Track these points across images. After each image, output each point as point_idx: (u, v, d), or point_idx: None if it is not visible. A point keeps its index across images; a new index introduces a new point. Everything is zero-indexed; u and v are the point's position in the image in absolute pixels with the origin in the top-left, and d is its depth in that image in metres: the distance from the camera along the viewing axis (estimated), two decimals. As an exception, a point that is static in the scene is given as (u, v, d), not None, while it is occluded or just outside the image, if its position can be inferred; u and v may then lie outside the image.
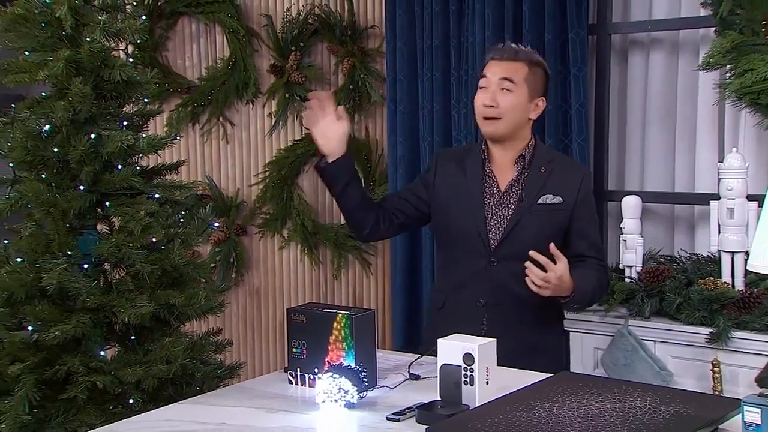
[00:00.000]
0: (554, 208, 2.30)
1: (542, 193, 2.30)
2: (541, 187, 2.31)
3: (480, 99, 2.31)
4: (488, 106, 2.28)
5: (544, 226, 2.29)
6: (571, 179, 2.34)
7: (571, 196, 2.32)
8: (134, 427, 1.78)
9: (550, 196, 2.30)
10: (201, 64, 3.80)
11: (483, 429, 1.56)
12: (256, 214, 3.82)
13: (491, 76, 2.30)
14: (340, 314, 1.95)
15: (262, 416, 1.82)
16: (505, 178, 2.34)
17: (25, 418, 2.26)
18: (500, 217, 2.32)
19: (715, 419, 1.61)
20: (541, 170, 2.32)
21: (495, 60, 2.32)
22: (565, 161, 2.47)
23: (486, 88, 2.30)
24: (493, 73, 2.29)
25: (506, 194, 2.33)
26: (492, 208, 2.32)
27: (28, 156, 2.37)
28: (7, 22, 2.40)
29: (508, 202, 2.32)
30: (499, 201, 2.32)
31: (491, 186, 2.34)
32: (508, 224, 2.30)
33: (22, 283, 2.31)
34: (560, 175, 2.33)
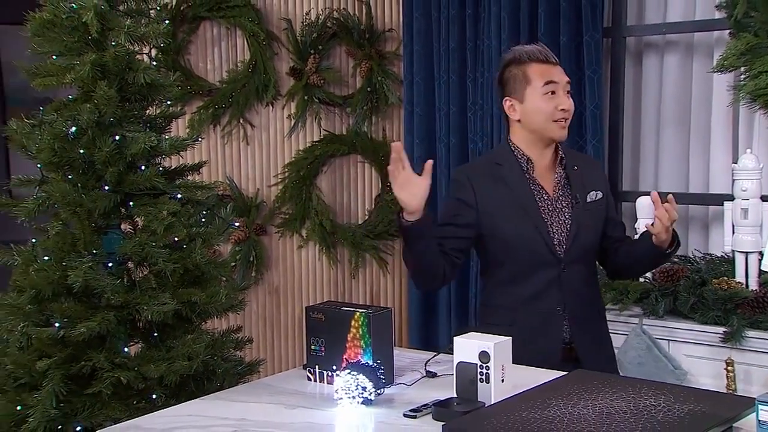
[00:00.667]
0: (599, 203, 2.30)
1: (588, 190, 2.29)
2: (582, 186, 2.28)
3: (554, 103, 2.23)
4: (566, 110, 2.24)
5: (597, 222, 2.29)
6: (597, 171, 2.38)
7: (604, 187, 2.33)
8: (157, 422, 1.79)
9: (594, 193, 2.29)
10: (222, 67, 3.82)
11: (499, 426, 1.56)
12: (276, 214, 3.83)
13: (559, 81, 2.25)
14: (358, 312, 1.95)
15: (281, 412, 1.83)
16: (548, 183, 2.28)
17: (53, 411, 2.28)
18: (560, 223, 2.25)
19: (730, 418, 1.60)
20: (574, 169, 2.30)
21: (550, 65, 2.26)
22: (580, 156, 2.47)
23: (556, 93, 2.24)
24: (560, 78, 2.25)
25: (556, 199, 2.27)
26: (548, 215, 2.25)
27: (55, 157, 2.39)
28: (35, 27, 2.42)
29: (560, 206, 2.26)
30: (553, 207, 2.26)
31: (540, 193, 2.27)
32: (570, 228, 2.24)
33: (49, 281, 2.33)
34: (588, 170, 2.34)
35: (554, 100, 2.24)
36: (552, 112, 2.24)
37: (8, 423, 2.34)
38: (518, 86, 2.26)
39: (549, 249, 2.23)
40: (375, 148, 3.77)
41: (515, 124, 2.30)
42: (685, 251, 3.22)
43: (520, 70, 2.26)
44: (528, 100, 2.25)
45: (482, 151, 3.40)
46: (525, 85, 2.25)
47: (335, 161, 3.83)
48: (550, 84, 2.24)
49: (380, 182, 3.82)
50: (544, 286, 2.24)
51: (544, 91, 2.24)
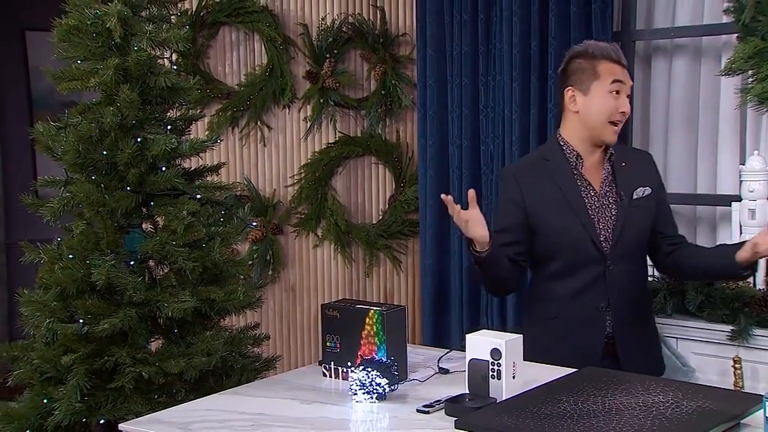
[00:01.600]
0: (648, 199, 2.25)
1: (635, 187, 2.25)
2: (631, 182, 2.25)
3: (612, 105, 2.21)
4: (624, 113, 2.22)
5: (645, 219, 2.24)
6: (647, 166, 2.31)
7: (654, 182, 2.28)
8: (177, 416, 1.80)
9: (642, 189, 2.25)
10: (240, 71, 3.83)
11: (510, 421, 1.56)
12: (292, 214, 3.84)
13: (626, 82, 2.23)
14: (373, 310, 1.96)
15: (297, 407, 1.83)
16: (596, 180, 2.26)
17: (77, 405, 2.29)
18: (606, 220, 2.23)
19: (737, 414, 1.59)
20: (623, 165, 2.26)
21: (620, 66, 2.23)
22: (629, 150, 2.40)
23: (620, 94, 2.22)
24: (626, 80, 2.23)
25: (603, 195, 2.24)
26: (595, 211, 2.23)
27: (79, 158, 2.40)
28: (61, 33, 2.43)
29: (607, 203, 2.24)
30: (599, 203, 2.24)
31: (587, 189, 2.25)
32: (615, 225, 2.22)
33: (73, 279, 2.34)
34: (638, 165, 2.29)
35: (617, 100, 2.22)
36: (612, 112, 2.22)
37: (35, 415, 2.36)
38: (585, 78, 2.23)
39: (595, 246, 2.20)
40: (389, 149, 3.78)
41: (570, 117, 2.27)
42: (693, 251, 3.20)
43: (590, 64, 2.23)
44: (592, 94, 2.22)
45: (493, 152, 3.40)
46: (593, 78, 2.22)
47: (350, 162, 3.83)
48: (617, 83, 2.22)
49: (393, 183, 3.82)
50: (590, 282, 2.22)
51: (610, 89, 2.21)
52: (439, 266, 3.57)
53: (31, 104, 5.49)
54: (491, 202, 3.42)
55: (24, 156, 5.38)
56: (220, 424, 1.74)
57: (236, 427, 1.72)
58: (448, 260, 3.55)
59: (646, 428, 1.50)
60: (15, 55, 5.44)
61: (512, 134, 3.31)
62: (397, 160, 3.79)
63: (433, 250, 3.56)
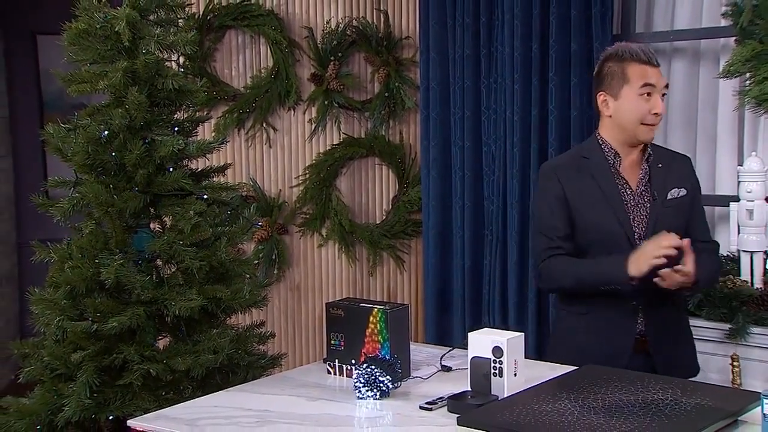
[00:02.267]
0: (682, 200, 2.25)
1: (669, 187, 2.24)
2: (666, 182, 2.25)
3: (644, 108, 2.20)
4: (657, 114, 2.21)
5: (679, 219, 2.23)
6: (685, 168, 2.30)
7: (689, 184, 2.28)
8: (184, 412, 1.81)
9: (676, 190, 2.25)
10: (246, 74, 3.83)
11: (511, 418, 1.56)
12: (297, 214, 3.84)
13: (657, 84, 2.21)
14: (376, 309, 1.96)
15: (302, 404, 1.83)
16: (633, 178, 2.26)
17: (87, 401, 2.29)
18: (640, 218, 2.24)
19: (735, 411, 1.59)
20: (659, 166, 2.26)
21: (651, 66, 2.22)
22: (667, 152, 2.36)
23: (651, 96, 2.21)
24: (657, 81, 2.21)
25: (639, 194, 2.25)
26: (631, 209, 2.24)
27: (88, 160, 2.40)
28: (71, 37, 2.44)
29: (642, 201, 2.25)
30: (635, 201, 2.24)
31: (624, 187, 2.25)
32: (648, 224, 2.22)
33: (83, 277, 2.35)
34: (675, 166, 2.29)
35: (649, 102, 2.21)
36: (644, 115, 2.21)
37: (46, 411, 2.37)
38: (615, 83, 2.23)
39: (629, 242, 2.20)
40: (392, 150, 3.78)
41: (606, 120, 2.27)
42: (692, 251, 3.20)
43: (619, 67, 2.23)
44: (623, 99, 2.22)
45: (495, 153, 3.40)
46: (622, 83, 2.22)
47: (354, 163, 3.83)
48: (647, 86, 2.20)
49: (397, 184, 3.82)
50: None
51: (640, 92, 2.20)
52: (441, 266, 3.57)
53: (42, 106, 5.50)
54: (493, 202, 3.42)
55: (35, 157, 5.39)
56: (227, 421, 1.74)
57: (242, 423, 1.73)
58: (451, 260, 3.55)
59: (645, 425, 1.49)
60: (26, 58, 5.45)
61: (513, 135, 3.31)
62: (401, 161, 3.78)
63: (435, 250, 3.56)
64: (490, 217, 3.43)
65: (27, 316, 2.56)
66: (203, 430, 1.69)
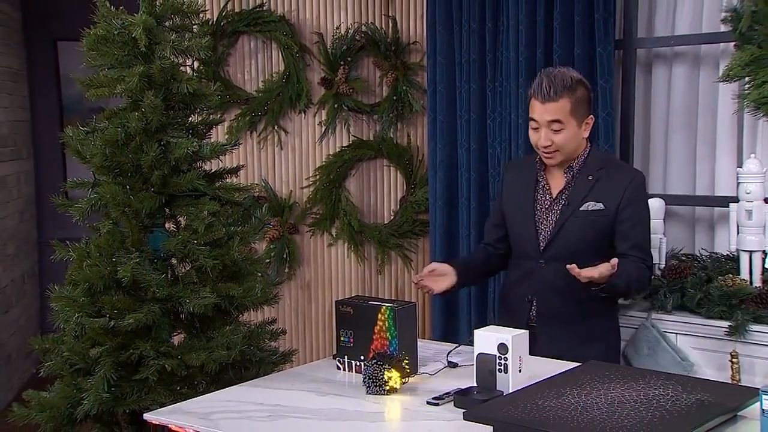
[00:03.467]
0: (596, 214, 2.29)
1: (586, 200, 2.30)
2: (585, 194, 2.30)
3: (534, 138, 2.32)
4: (545, 147, 2.30)
5: (586, 230, 2.29)
6: (617, 186, 2.31)
7: (613, 202, 2.30)
8: (199, 406, 1.81)
9: (592, 203, 2.30)
10: (258, 78, 3.83)
11: (516, 413, 1.55)
12: (308, 214, 3.84)
13: (539, 119, 2.28)
14: (385, 306, 1.96)
15: (312, 399, 1.83)
16: (557, 186, 2.36)
17: (104, 395, 2.30)
18: (549, 222, 2.34)
19: (735, 407, 1.58)
20: (588, 178, 2.32)
21: (537, 102, 2.28)
22: (617, 168, 2.40)
23: (537, 129, 2.29)
24: (541, 116, 2.27)
25: (556, 201, 2.34)
26: (542, 213, 2.35)
27: (106, 161, 2.41)
28: (90, 43, 2.44)
29: (556, 208, 2.34)
30: (549, 207, 2.35)
31: (544, 193, 2.36)
32: (553, 228, 2.32)
33: (100, 275, 2.35)
34: (607, 182, 2.32)
35: (534, 135, 2.32)
36: (534, 144, 2.34)
37: (66, 405, 2.37)
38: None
39: (532, 243, 2.34)
40: (400, 152, 3.77)
41: None
42: (692, 250, 3.19)
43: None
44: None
45: (500, 155, 3.39)
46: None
47: (363, 165, 3.83)
48: (533, 121, 2.32)
49: (404, 184, 3.81)
50: (523, 275, 2.38)
51: (530, 125, 2.34)
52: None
53: (62, 110, 5.53)
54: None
55: (55, 159, 5.42)
56: (239, 415, 1.74)
57: (254, 417, 1.73)
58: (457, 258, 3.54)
59: (647, 420, 1.49)
60: (47, 63, 5.47)
61: (518, 138, 3.30)
62: (408, 163, 3.78)
63: (442, 249, 3.56)
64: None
65: (47, 312, 2.57)
66: (217, 423, 1.69)
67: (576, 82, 2.30)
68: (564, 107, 2.27)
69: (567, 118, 2.27)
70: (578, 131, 2.31)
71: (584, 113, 2.32)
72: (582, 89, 2.32)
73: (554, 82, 2.27)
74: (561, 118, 2.26)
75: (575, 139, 2.31)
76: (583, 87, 2.33)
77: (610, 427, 1.45)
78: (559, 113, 2.26)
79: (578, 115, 2.30)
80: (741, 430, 1.55)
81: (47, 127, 5.39)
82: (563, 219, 2.30)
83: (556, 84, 2.26)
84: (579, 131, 2.31)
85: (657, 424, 1.47)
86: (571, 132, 2.29)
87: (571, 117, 2.28)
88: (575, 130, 2.30)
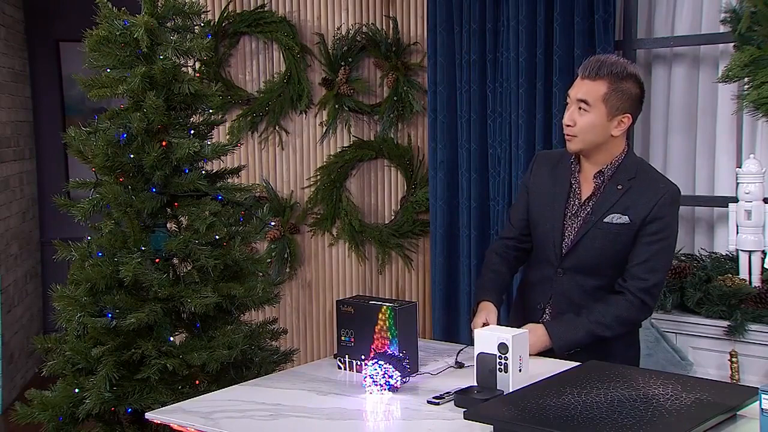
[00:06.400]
0: (620, 227, 2.11)
1: (611, 211, 2.12)
2: (611, 205, 2.12)
3: (565, 116, 2.16)
4: (566, 125, 2.14)
5: (608, 244, 2.12)
6: (645, 199, 2.12)
7: (638, 216, 2.10)
8: (200, 406, 1.81)
9: (617, 216, 2.11)
10: (260, 78, 3.83)
11: (516, 412, 1.55)
12: (308, 214, 3.84)
13: (572, 95, 2.14)
14: (385, 306, 1.95)
15: (313, 398, 1.83)
16: (586, 190, 2.18)
17: (106, 394, 2.30)
18: (572, 230, 2.17)
19: (734, 406, 1.58)
20: (618, 187, 2.13)
21: (579, 78, 2.14)
22: (648, 179, 2.17)
23: (568, 106, 2.15)
24: (575, 93, 2.13)
25: (582, 207, 2.17)
26: (569, 219, 2.18)
27: (108, 161, 2.41)
28: (92, 43, 2.44)
29: (582, 215, 2.17)
30: (576, 213, 2.18)
31: (574, 196, 2.19)
32: (575, 238, 2.16)
33: (102, 275, 2.35)
34: (636, 193, 2.12)
35: (566, 112, 2.17)
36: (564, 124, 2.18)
37: (68, 404, 2.37)
38: None
39: (554, 248, 2.18)
40: (401, 153, 3.77)
41: None
42: (692, 250, 3.18)
43: None
44: None
45: (501, 156, 3.39)
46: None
47: (363, 165, 3.83)
48: (567, 97, 2.18)
49: (405, 185, 3.81)
50: (540, 279, 2.24)
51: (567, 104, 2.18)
52: (448, 264, 3.56)
53: (64, 110, 5.53)
54: (498, 203, 3.41)
55: (57, 159, 5.41)
56: (240, 414, 1.74)
57: (255, 416, 1.72)
58: (458, 258, 3.54)
59: (646, 419, 1.48)
60: (49, 64, 5.47)
61: (518, 138, 3.30)
62: (409, 163, 3.78)
63: (442, 249, 3.56)
64: (496, 217, 3.42)
65: (50, 312, 2.57)
66: (218, 422, 1.69)
67: (627, 74, 2.11)
68: (598, 90, 2.09)
69: (597, 103, 2.09)
70: (606, 123, 2.10)
71: (621, 108, 2.10)
72: (630, 84, 2.11)
73: (603, 63, 2.11)
74: (590, 100, 2.09)
75: (599, 130, 2.10)
76: (634, 83, 2.12)
77: (610, 427, 1.45)
78: (591, 94, 2.09)
79: (611, 106, 2.09)
80: (740, 429, 1.55)
81: (49, 127, 5.39)
82: (585, 229, 2.13)
83: (602, 65, 2.10)
84: (607, 124, 2.10)
85: (657, 423, 1.47)
86: (597, 119, 2.09)
87: (601, 103, 2.09)
88: (602, 120, 2.09)
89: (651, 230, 2.11)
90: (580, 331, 2.10)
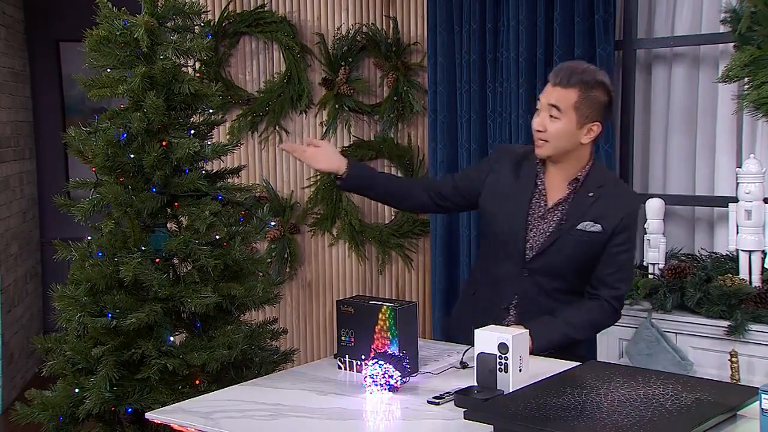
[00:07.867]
0: (591, 235, 2.14)
1: (584, 219, 2.15)
2: (583, 213, 2.15)
3: (534, 121, 2.17)
4: (537, 130, 2.15)
5: (579, 251, 2.15)
6: (617, 209, 2.16)
7: (610, 225, 2.14)
8: (200, 406, 1.81)
9: (590, 224, 2.14)
10: (260, 78, 3.83)
11: (516, 412, 1.55)
12: (309, 214, 3.84)
13: (543, 101, 2.15)
14: (385, 306, 1.95)
15: (313, 398, 1.83)
16: (554, 195, 2.19)
17: (107, 394, 2.30)
18: (540, 232, 2.18)
19: (734, 406, 1.58)
20: (590, 195, 2.16)
21: (550, 84, 2.15)
22: (616, 188, 2.24)
23: (538, 111, 2.16)
24: (546, 98, 2.14)
25: (551, 211, 2.18)
26: (535, 221, 2.19)
27: (108, 161, 2.41)
28: (92, 43, 2.44)
29: (551, 219, 2.18)
30: (543, 216, 2.19)
31: (539, 199, 2.20)
32: (545, 242, 2.17)
33: (102, 275, 2.35)
34: (607, 202, 2.16)
35: (535, 117, 2.19)
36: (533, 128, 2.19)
37: (68, 404, 2.37)
38: None
39: (518, 250, 2.19)
40: (401, 153, 3.77)
41: None
42: (692, 250, 3.18)
43: None
44: None
45: (501, 156, 3.39)
46: None
47: (364, 165, 3.83)
48: (538, 102, 2.19)
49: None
50: (503, 278, 2.22)
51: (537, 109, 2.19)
52: (448, 264, 3.56)
53: (64, 110, 5.53)
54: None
55: (57, 159, 5.42)
56: (240, 414, 1.74)
57: (256, 416, 1.72)
58: (457, 258, 3.54)
59: (646, 419, 1.48)
60: (49, 64, 5.47)
61: (519, 138, 3.30)
62: (409, 163, 3.78)
63: (442, 249, 3.56)
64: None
65: (50, 312, 2.57)
66: (218, 422, 1.69)
67: (596, 82, 2.14)
68: (569, 97, 2.11)
69: (567, 110, 2.11)
70: (576, 131, 2.13)
71: (591, 116, 2.13)
72: (599, 92, 2.14)
73: (574, 71, 2.13)
74: (561, 106, 2.11)
75: (569, 137, 2.13)
76: (603, 91, 2.15)
77: (610, 427, 1.45)
78: (562, 101, 2.11)
79: (582, 113, 2.12)
80: (740, 429, 1.55)
81: (49, 127, 5.39)
82: (558, 234, 2.15)
83: (573, 73, 2.12)
84: (577, 132, 2.13)
85: (657, 423, 1.47)
86: (567, 127, 2.12)
87: (572, 111, 2.11)
88: (572, 128, 2.12)
89: (619, 240, 2.17)
90: (558, 333, 2.15)
